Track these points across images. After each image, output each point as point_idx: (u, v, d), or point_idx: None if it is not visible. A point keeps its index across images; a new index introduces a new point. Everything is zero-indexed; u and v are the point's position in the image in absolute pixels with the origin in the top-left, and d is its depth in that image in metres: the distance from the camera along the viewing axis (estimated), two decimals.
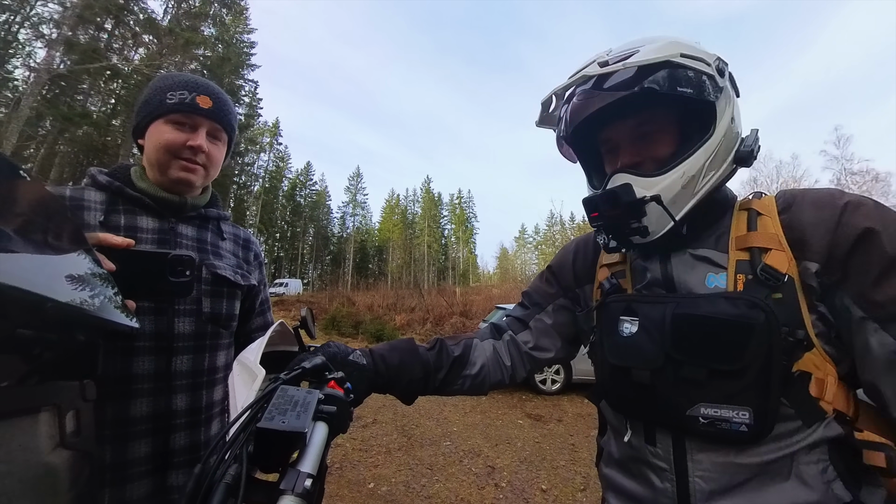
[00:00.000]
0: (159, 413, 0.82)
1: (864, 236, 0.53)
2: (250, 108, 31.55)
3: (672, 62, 0.60)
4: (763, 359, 0.53)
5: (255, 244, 1.08)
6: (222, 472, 0.39)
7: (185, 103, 0.85)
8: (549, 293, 0.87)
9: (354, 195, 58.57)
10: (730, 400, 0.55)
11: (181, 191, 0.90)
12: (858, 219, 0.54)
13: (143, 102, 0.88)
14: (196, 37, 20.13)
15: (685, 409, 0.57)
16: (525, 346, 0.85)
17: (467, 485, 3.34)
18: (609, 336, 0.68)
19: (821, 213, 0.57)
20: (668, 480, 0.61)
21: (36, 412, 0.37)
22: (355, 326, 13.01)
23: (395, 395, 0.75)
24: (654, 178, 0.62)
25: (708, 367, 0.56)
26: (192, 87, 0.87)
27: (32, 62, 15.10)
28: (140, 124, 0.88)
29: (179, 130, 0.86)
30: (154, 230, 0.87)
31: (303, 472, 0.41)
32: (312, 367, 0.54)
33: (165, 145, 0.85)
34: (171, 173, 0.87)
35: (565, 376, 6.37)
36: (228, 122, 0.93)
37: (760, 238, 0.60)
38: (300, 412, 0.44)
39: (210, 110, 0.88)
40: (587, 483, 3.41)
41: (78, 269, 0.43)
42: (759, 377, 0.54)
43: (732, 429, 0.54)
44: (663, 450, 0.62)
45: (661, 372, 0.60)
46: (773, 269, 0.57)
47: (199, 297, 0.88)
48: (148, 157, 0.87)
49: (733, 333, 0.55)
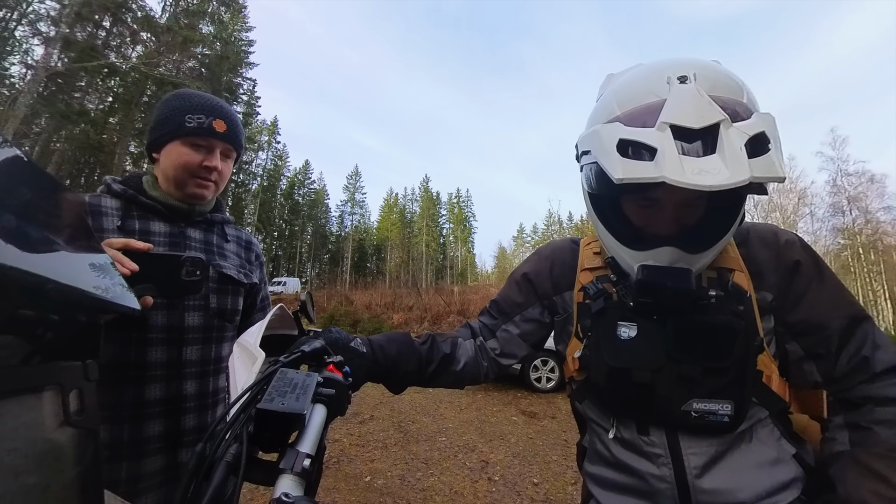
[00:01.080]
0: (171, 397, 0.91)
1: (795, 268, 0.68)
2: (248, 107, 31.46)
3: (766, 135, 0.53)
4: (742, 359, 0.64)
5: (255, 245, 1.17)
6: (223, 450, 0.40)
7: (203, 128, 0.93)
8: (517, 303, 0.88)
9: (353, 194, 58.50)
10: (716, 394, 0.64)
11: (194, 203, 0.99)
12: (792, 253, 0.68)
13: (161, 121, 0.95)
14: (194, 35, 20.05)
15: (680, 405, 0.65)
16: (492, 353, 0.88)
17: (461, 478, 3.36)
18: (607, 340, 0.71)
19: (768, 252, 0.70)
20: (664, 465, 0.67)
21: (40, 391, 0.38)
22: (353, 325, 13.01)
23: (388, 385, 0.78)
24: (696, 255, 0.63)
25: (703, 365, 0.64)
26: (209, 112, 0.95)
27: (30, 59, 15.02)
28: (157, 141, 0.96)
29: (196, 152, 0.94)
30: (166, 234, 0.96)
31: (301, 452, 0.42)
32: (312, 351, 0.55)
33: (184, 165, 0.93)
34: (187, 189, 0.96)
35: (560, 374, 6.39)
36: (239, 142, 1.02)
37: (727, 261, 0.70)
38: (299, 394, 0.45)
39: (224, 133, 0.97)
40: (578, 477, 3.41)
41: (81, 253, 0.44)
42: (738, 374, 0.64)
43: (717, 420, 0.64)
44: (657, 438, 0.68)
45: (662, 371, 0.66)
46: (739, 287, 0.68)
47: (207, 294, 0.97)
48: (164, 172, 0.96)
49: (724, 336, 0.65)
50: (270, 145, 47.12)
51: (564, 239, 0.91)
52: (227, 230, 1.09)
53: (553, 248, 0.90)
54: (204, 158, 0.94)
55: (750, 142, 0.51)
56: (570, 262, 0.84)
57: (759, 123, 0.53)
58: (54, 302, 0.39)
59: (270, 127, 46.51)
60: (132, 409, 0.86)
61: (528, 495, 3.13)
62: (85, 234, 0.47)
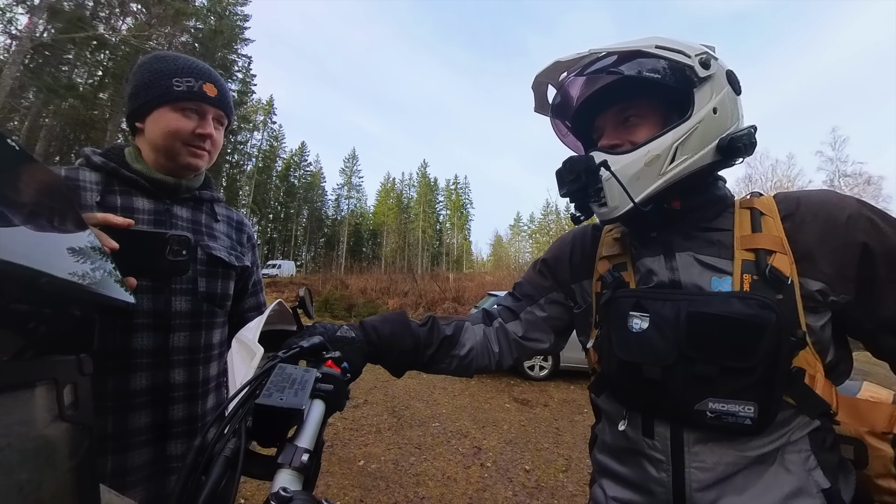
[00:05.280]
0: (158, 386, 0.86)
1: (864, 254, 0.58)
2: (244, 85, 30.71)
3: (644, 51, 0.66)
4: (771, 357, 0.56)
5: (247, 226, 1.10)
6: (222, 445, 0.40)
7: (193, 92, 0.86)
8: (542, 286, 0.87)
9: (349, 177, 57.93)
10: (737, 395, 0.57)
11: (185, 175, 0.93)
12: (857, 234, 0.58)
13: (144, 86, 0.86)
14: (187, 7, 19.37)
15: (693, 403, 0.59)
16: (513, 335, 0.85)
17: (454, 464, 3.43)
18: (618, 331, 0.67)
19: (823, 229, 0.60)
20: (664, 471, 0.63)
21: (33, 386, 0.37)
22: (348, 309, 13.06)
23: (386, 366, 0.76)
24: (621, 156, 0.66)
25: (720, 364, 0.57)
26: (198, 75, 0.88)
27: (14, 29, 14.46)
28: (141, 108, 0.87)
29: (187, 118, 0.87)
30: (150, 211, 0.88)
31: (300, 447, 0.42)
32: (310, 347, 0.55)
33: (174, 132, 0.86)
34: (180, 159, 0.89)
35: (553, 363, 6.48)
36: (231, 108, 0.96)
37: (766, 240, 0.62)
38: (298, 390, 0.45)
39: (216, 98, 0.90)
40: (569, 465, 3.52)
41: (74, 245, 0.43)
42: (766, 374, 0.56)
43: (738, 422, 0.57)
44: (661, 442, 0.63)
45: (673, 368, 0.60)
46: (778, 272, 0.59)
47: (195, 276, 0.91)
48: (152, 142, 0.88)
49: (747, 333, 0.56)
50: (266, 125, 46.30)
51: (587, 225, 0.86)
52: (217, 209, 1.02)
53: (574, 233, 0.88)
54: (197, 125, 0.88)
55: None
56: (590, 249, 0.83)
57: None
58: (48, 296, 0.38)
59: (266, 106, 45.60)
60: (116, 399, 0.81)
61: (520, 481, 3.20)
62: (73, 218, 0.46)
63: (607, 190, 0.66)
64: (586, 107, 0.74)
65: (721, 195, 0.70)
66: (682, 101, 0.66)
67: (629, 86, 0.68)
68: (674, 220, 0.69)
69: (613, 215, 0.67)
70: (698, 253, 0.66)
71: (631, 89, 0.69)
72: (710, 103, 0.64)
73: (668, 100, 0.68)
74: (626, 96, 0.70)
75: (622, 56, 0.68)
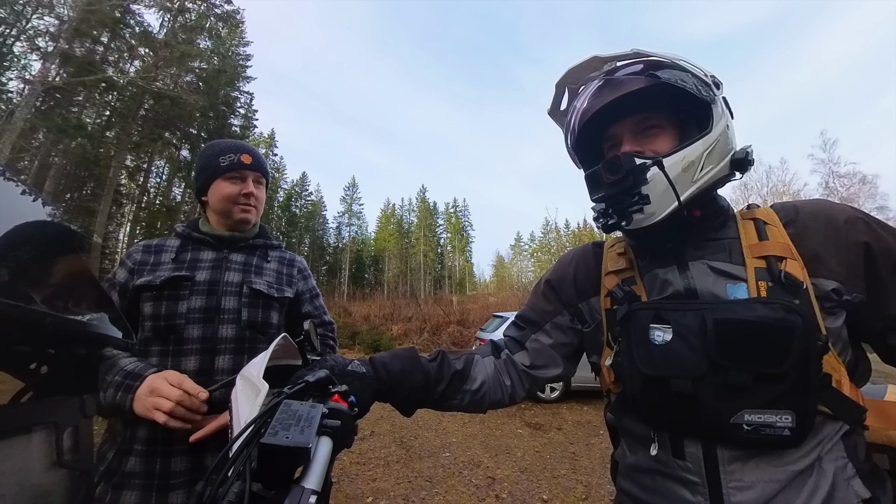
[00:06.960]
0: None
1: (867, 253, 0.60)
2: (246, 120, 31.59)
3: (676, 63, 0.68)
4: (802, 361, 0.54)
5: (298, 262, 1.33)
6: (225, 489, 0.38)
7: (234, 163, 1.14)
8: (546, 310, 0.85)
9: (350, 205, 58.56)
10: (773, 404, 0.55)
11: (242, 228, 1.18)
12: (857, 234, 0.61)
13: (201, 169, 1.16)
14: (192, 49, 20.23)
15: (729, 416, 0.56)
16: (521, 366, 0.83)
17: (467, 497, 3.29)
18: (639, 346, 0.64)
19: (825, 231, 0.63)
20: (700, 494, 0.59)
21: (31, 431, 0.36)
22: (352, 337, 12.90)
23: (396, 404, 0.73)
24: (668, 157, 0.65)
25: (754, 371, 0.56)
26: (236, 150, 1.16)
27: (27, 75, 15.07)
28: (203, 186, 1.16)
29: (234, 184, 1.14)
30: (211, 259, 1.13)
31: (307, 488, 0.40)
32: (316, 381, 0.53)
33: (227, 197, 1.13)
34: (234, 216, 1.16)
35: (564, 384, 6.33)
36: (265, 170, 1.22)
37: (775, 247, 0.63)
38: (304, 427, 0.43)
39: (252, 164, 1.16)
40: (588, 492, 3.37)
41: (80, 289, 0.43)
42: (799, 380, 0.55)
43: (777, 433, 0.55)
44: (693, 463, 0.60)
45: (704, 380, 0.58)
46: (793, 277, 0.60)
47: (239, 307, 1.09)
48: (214, 208, 1.16)
49: (777, 337, 0.55)
50: (268, 158, 47.30)
51: (587, 243, 0.88)
52: (270, 253, 1.25)
53: (575, 252, 0.88)
54: (241, 188, 1.14)
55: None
56: (594, 266, 0.82)
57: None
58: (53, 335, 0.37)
59: (268, 139, 46.73)
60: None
61: None
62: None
63: (651, 191, 0.64)
64: (601, 114, 0.70)
65: (723, 206, 0.72)
66: (699, 115, 0.69)
67: (652, 95, 0.67)
68: (688, 231, 0.70)
69: (649, 221, 0.65)
70: (710, 260, 0.66)
71: (653, 99, 0.68)
72: (723, 119, 0.68)
73: (685, 113, 0.70)
74: (648, 105, 0.69)
75: (651, 64, 0.69)
